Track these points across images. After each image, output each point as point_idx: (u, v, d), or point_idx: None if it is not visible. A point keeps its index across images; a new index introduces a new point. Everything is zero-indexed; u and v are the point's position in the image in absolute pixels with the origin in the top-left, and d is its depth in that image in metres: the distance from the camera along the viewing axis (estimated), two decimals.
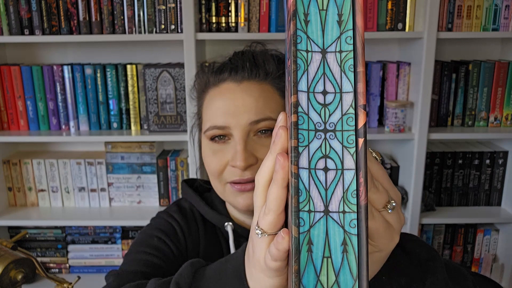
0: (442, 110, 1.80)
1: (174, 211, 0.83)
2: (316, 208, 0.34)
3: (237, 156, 0.68)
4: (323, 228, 0.34)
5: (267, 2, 1.68)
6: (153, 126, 1.77)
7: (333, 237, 0.34)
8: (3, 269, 0.77)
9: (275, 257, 0.39)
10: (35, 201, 1.93)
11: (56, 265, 1.99)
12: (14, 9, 1.67)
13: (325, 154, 0.34)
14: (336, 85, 0.34)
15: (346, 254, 0.34)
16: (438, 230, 1.95)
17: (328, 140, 0.34)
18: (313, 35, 0.35)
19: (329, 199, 0.34)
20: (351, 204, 0.34)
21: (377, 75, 1.78)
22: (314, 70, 0.34)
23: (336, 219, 0.34)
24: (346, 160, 0.34)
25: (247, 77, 0.71)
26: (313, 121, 0.34)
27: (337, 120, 0.34)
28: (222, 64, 0.76)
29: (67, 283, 0.93)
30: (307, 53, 0.35)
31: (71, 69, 1.76)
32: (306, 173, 0.34)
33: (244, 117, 0.69)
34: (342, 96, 0.34)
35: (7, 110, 1.80)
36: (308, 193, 0.34)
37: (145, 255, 0.75)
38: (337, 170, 0.34)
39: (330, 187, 0.34)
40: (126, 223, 1.86)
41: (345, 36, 0.34)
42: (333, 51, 0.35)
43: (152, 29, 1.69)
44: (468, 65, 1.77)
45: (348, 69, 0.34)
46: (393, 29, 1.70)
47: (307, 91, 0.34)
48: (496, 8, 1.69)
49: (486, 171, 1.89)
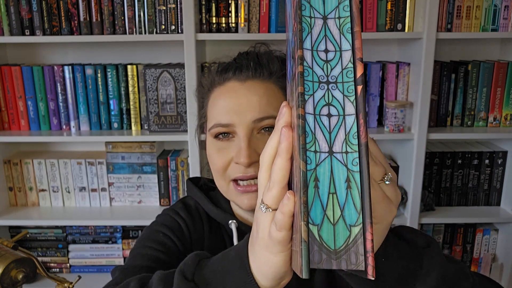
0: (442, 110, 1.80)
1: (179, 208, 0.84)
2: (322, 149, 0.37)
3: (241, 153, 0.69)
4: (328, 167, 0.37)
5: (267, 2, 1.69)
6: (154, 126, 1.77)
7: (337, 175, 0.37)
8: (4, 269, 0.78)
9: (280, 223, 0.40)
10: (36, 201, 1.94)
11: (57, 265, 2.00)
12: (15, 9, 1.67)
13: (328, 102, 0.38)
14: (336, 44, 0.39)
15: (350, 190, 0.37)
16: (437, 230, 1.95)
17: (330, 91, 0.38)
18: (315, 4, 0.40)
19: (333, 141, 0.38)
20: (353, 145, 0.37)
21: (377, 75, 1.78)
22: (316, 32, 0.39)
23: (340, 159, 0.37)
24: (347, 107, 0.38)
25: (251, 76, 0.73)
26: (317, 74, 0.39)
27: (338, 74, 0.39)
28: (227, 64, 0.78)
29: (67, 282, 0.93)
30: (311, 18, 0.40)
31: (71, 69, 1.77)
32: (311, 118, 0.38)
33: (248, 115, 0.70)
34: (341, 54, 0.39)
35: (8, 110, 1.80)
36: (314, 136, 0.37)
37: (150, 250, 0.76)
38: (339, 116, 0.38)
39: (334, 131, 0.38)
40: (127, 223, 1.87)
41: (343, 5, 0.40)
42: (332, 18, 0.40)
43: (152, 30, 1.69)
44: (467, 65, 1.77)
45: (346, 31, 0.39)
46: (392, 29, 1.70)
47: (311, 49, 0.39)
48: (495, 8, 1.69)
49: (485, 171, 1.89)
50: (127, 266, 0.75)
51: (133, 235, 1.96)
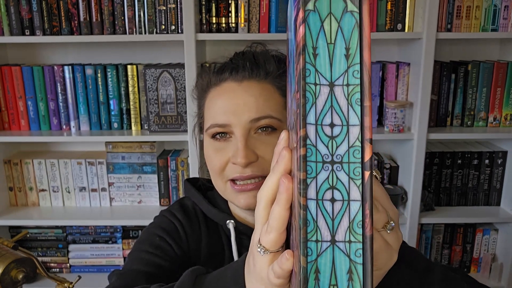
0: (441, 110, 1.80)
1: (176, 209, 0.84)
2: (323, 238, 0.35)
3: (238, 153, 0.69)
4: (330, 257, 0.35)
5: (267, 2, 1.69)
6: (154, 126, 1.77)
7: (339, 265, 0.35)
8: (4, 269, 0.78)
9: (278, 275, 0.40)
10: (36, 201, 1.94)
11: (57, 265, 2.00)
12: (15, 9, 1.67)
13: (332, 186, 0.35)
14: (343, 118, 0.35)
15: (351, 282, 0.35)
16: (437, 230, 1.95)
17: (335, 172, 0.35)
18: (321, 68, 0.35)
19: (336, 229, 0.35)
20: (357, 234, 0.35)
21: (377, 75, 1.79)
22: (322, 103, 0.35)
23: (342, 248, 0.35)
24: (352, 192, 0.35)
25: (247, 76, 0.73)
26: (321, 153, 0.35)
27: (344, 152, 0.35)
28: (223, 64, 0.78)
29: (67, 282, 0.93)
30: (315, 86, 0.35)
31: (72, 69, 1.77)
32: (314, 204, 0.35)
33: (245, 115, 0.70)
34: (349, 129, 0.35)
35: (8, 110, 1.80)
36: (315, 223, 0.35)
37: (147, 255, 0.76)
38: (343, 201, 0.35)
39: (337, 218, 0.35)
40: (127, 222, 1.87)
41: (352, 70, 0.35)
42: (340, 84, 0.35)
43: (152, 30, 1.69)
44: (467, 65, 1.77)
45: (355, 103, 0.35)
46: (392, 29, 1.70)
47: (315, 123, 0.35)
48: (495, 8, 1.69)
49: (485, 171, 1.89)
50: (124, 271, 0.75)
51: (133, 235, 1.96)
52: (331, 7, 0.35)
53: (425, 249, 1.97)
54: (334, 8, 0.35)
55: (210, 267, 0.77)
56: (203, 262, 0.80)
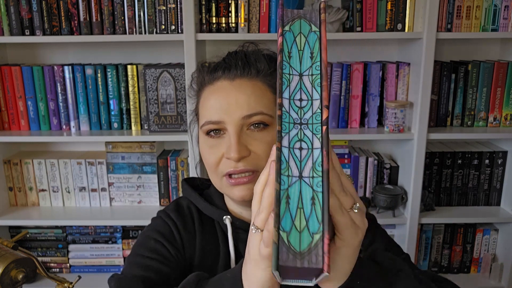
0: (442, 110, 1.80)
1: (171, 210, 0.87)
2: (293, 174, 0.48)
3: (231, 148, 0.73)
4: (298, 188, 0.47)
5: (267, 2, 1.69)
6: (154, 126, 1.77)
7: (305, 194, 0.47)
8: (4, 269, 0.78)
9: (267, 240, 0.49)
10: (36, 201, 1.94)
11: (57, 265, 2.00)
12: (15, 9, 1.67)
13: (300, 139, 0.49)
14: (308, 95, 0.51)
15: (313, 206, 0.46)
16: (437, 230, 1.95)
17: (302, 130, 0.49)
18: (294, 64, 0.53)
19: (303, 168, 0.48)
20: (318, 171, 0.47)
21: (377, 75, 1.78)
22: (294, 85, 0.52)
23: (307, 182, 0.47)
24: (315, 142, 0.49)
25: (239, 74, 0.76)
26: (292, 117, 0.50)
27: (309, 117, 0.50)
28: (216, 64, 0.81)
29: (67, 282, 0.93)
30: (289, 75, 0.52)
31: (71, 69, 1.77)
32: (287, 150, 0.48)
33: (237, 112, 0.73)
34: (312, 102, 0.51)
35: (8, 110, 1.80)
36: (287, 163, 0.48)
37: (143, 259, 0.80)
38: (308, 149, 0.49)
39: (303, 160, 0.48)
40: (127, 222, 1.87)
41: (315, 65, 0.52)
42: (307, 75, 0.52)
43: (152, 30, 1.69)
44: (467, 65, 1.77)
45: (316, 85, 0.52)
46: (392, 29, 1.70)
47: (288, 98, 0.51)
48: (495, 8, 1.69)
49: (485, 171, 1.89)
50: (122, 275, 0.78)
51: (133, 235, 1.96)
52: (301, 29, 0.54)
53: (425, 249, 1.97)
54: (303, 29, 0.54)
55: (206, 262, 0.81)
56: (198, 258, 0.82)
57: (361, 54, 1.93)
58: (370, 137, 1.84)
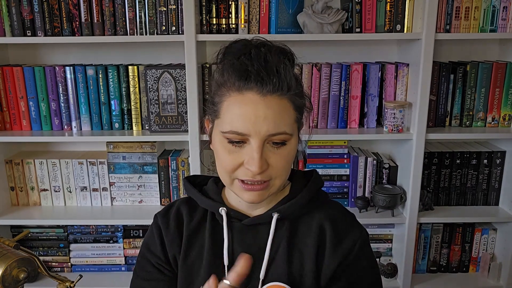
0: (440, 111, 1.81)
1: (161, 213, 0.94)
2: None
3: (253, 162, 0.75)
4: None
5: (267, 3, 1.70)
6: (154, 126, 1.78)
7: None
8: (6, 268, 0.79)
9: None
10: (38, 200, 1.95)
11: (58, 264, 2.01)
12: (17, 10, 1.68)
13: None
14: None
15: None
16: (436, 229, 1.96)
17: None
18: None
19: None
20: None
21: (376, 76, 1.79)
22: None
23: None
24: None
25: (271, 91, 0.75)
26: None
27: None
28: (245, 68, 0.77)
29: (69, 281, 0.94)
30: None
31: (73, 70, 1.78)
32: None
33: (264, 128, 0.74)
34: None
35: (9, 111, 1.81)
36: None
37: (140, 281, 0.91)
38: None
39: None
40: (128, 222, 1.88)
41: None
42: None
43: (153, 31, 1.70)
44: (466, 66, 1.78)
45: None
46: (391, 30, 1.71)
47: None
48: (494, 9, 1.70)
49: (483, 171, 1.90)
50: None
51: (134, 234, 1.97)
52: None
53: (424, 249, 1.98)
54: None
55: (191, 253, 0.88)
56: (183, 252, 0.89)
57: (360, 54, 1.94)
58: (369, 137, 1.85)
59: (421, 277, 1.99)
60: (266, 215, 0.85)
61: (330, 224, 0.85)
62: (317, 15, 1.71)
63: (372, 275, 0.88)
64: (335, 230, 0.85)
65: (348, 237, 0.84)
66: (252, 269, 0.84)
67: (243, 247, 0.85)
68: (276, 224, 0.84)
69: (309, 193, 0.86)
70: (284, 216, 0.85)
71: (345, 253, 0.83)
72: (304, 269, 0.83)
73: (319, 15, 1.71)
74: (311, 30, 1.72)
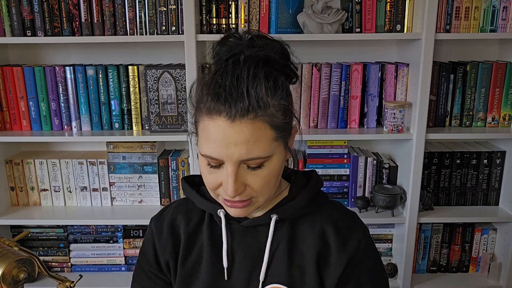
0: (440, 111, 1.81)
1: (155, 217, 0.96)
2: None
3: (228, 186, 0.74)
4: None
5: (267, 3, 1.70)
6: (154, 126, 1.78)
7: None
8: (5, 268, 0.79)
9: None
10: (38, 200, 1.95)
11: (58, 264, 2.01)
12: (17, 10, 1.68)
13: None
14: None
15: None
16: (436, 229, 1.96)
17: None
18: None
19: None
20: None
21: (376, 76, 1.79)
22: None
23: None
24: None
25: (240, 115, 0.70)
26: None
27: None
28: (218, 84, 0.73)
29: (69, 281, 0.94)
30: None
31: (73, 70, 1.78)
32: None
33: (235, 154, 0.72)
34: None
35: (9, 111, 1.81)
36: None
37: (136, 285, 0.94)
38: None
39: None
40: (128, 222, 1.88)
41: None
42: None
43: (153, 31, 1.70)
44: (466, 66, 1.78)
45: None
46: (391, 30, 1.71)
47: None
48: (494, 9, 1.70)
49: (483, 171, 1.90)
50: None
51: (134, 234, 1.97)
52: None
53: (424, 249, 1.98)
54: None
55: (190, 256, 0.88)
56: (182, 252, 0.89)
57: (360, 54, 1.94)
58: (369, 137, 1.85)
59: (421, 277, 1.99)
60: (265, 217, 0.85)
61: (332, 227, 0.85)
62: (317, 15, 1.71)
63: (378, 274, 0.88)
64: (338, 233, 0.84)
65: (352, 238, 0.84)
66: (252, 270, 0.84)
67: (243, 249, 0.85)
68: (275, 225, 0.84)
69: (309, 194, 0.86)
70: (283, 218, 0.84)
71: (351, 254, 0.83)
72: (305, 270, 0.83)
73: (319, 15, 1.72)
74: (311, 30, 1.72)
